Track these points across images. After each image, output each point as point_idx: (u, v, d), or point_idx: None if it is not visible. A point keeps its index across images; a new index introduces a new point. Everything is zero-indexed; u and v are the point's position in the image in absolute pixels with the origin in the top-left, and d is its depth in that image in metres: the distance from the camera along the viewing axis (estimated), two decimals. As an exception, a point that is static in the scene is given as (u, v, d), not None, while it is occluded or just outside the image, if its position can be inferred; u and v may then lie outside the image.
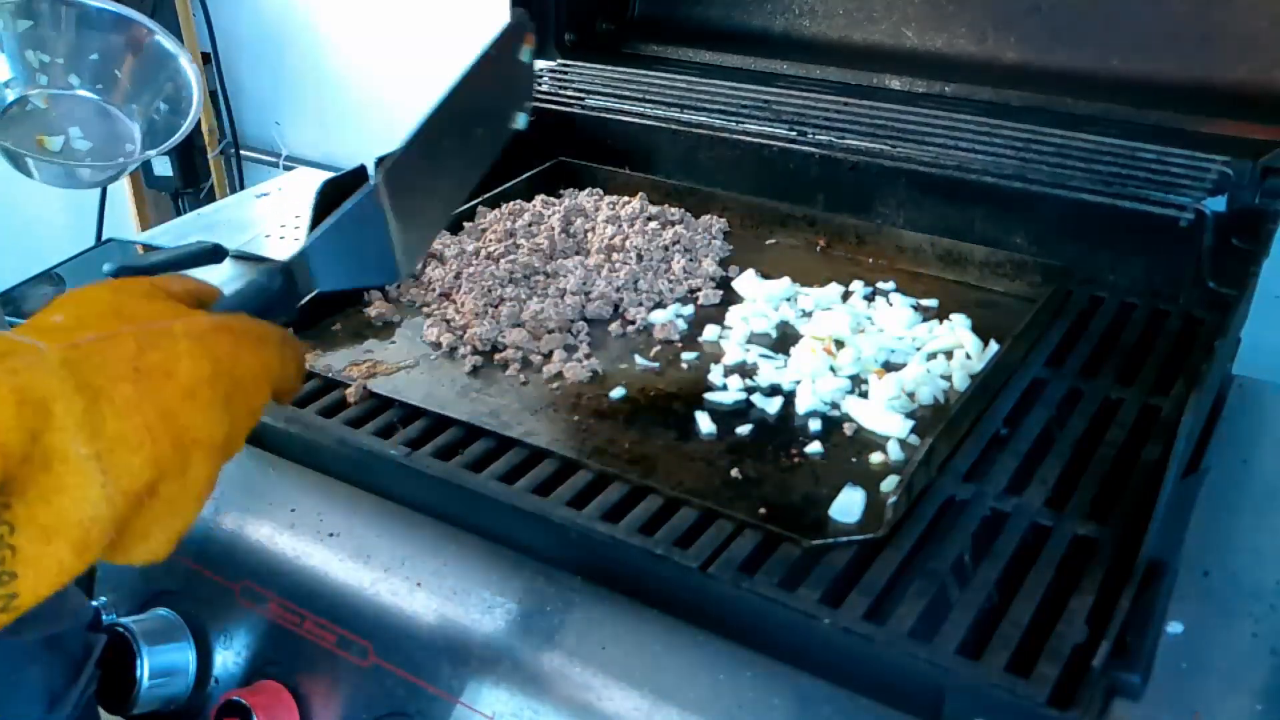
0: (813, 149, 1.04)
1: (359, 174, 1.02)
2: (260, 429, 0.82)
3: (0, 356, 0.40)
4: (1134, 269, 0.94)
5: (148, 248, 1.19)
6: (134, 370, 0.43)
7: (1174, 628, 0.61)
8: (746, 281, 0.95)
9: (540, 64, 1.25)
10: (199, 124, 1.88)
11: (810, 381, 0.80)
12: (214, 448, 0.46)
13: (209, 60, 1.86)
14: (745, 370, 0.83)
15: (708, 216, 1.07)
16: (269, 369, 0.50)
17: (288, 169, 1.90)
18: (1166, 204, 0.86)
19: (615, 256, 0.99)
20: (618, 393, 0.81)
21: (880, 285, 0.95)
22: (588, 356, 0.85)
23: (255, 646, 0.73)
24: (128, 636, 0.72)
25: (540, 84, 1.19)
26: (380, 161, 1.02)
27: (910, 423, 0.75)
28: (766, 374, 0.82)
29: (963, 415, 0.73)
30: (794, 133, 1.04)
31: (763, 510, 0.68)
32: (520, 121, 0.76)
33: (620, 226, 1.03)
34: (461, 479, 0.71)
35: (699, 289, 0.95)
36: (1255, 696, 0.57)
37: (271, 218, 1.22)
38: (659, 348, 0.87)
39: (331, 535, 0.73)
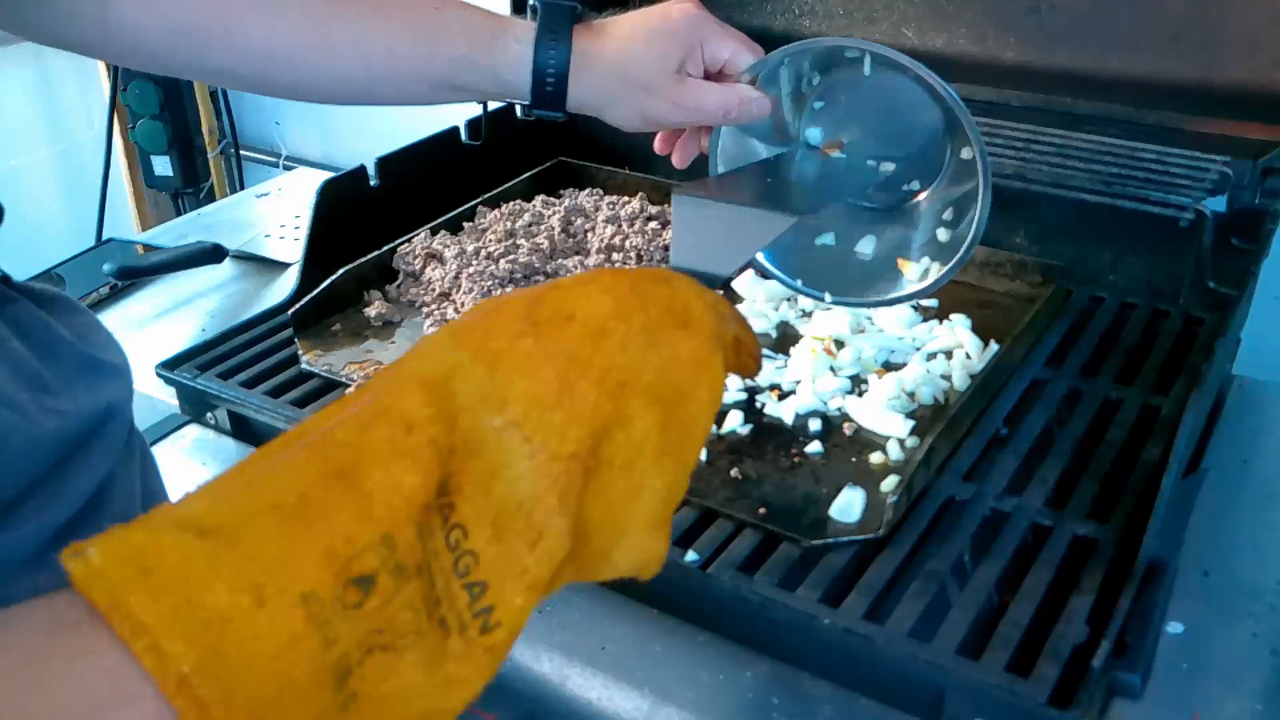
0: (813, 149, 1.04)
1: (359, 174, 1.02)
2: (260, 429, 0.82)
3: (402, 360, 0.36)
4: (1134, 269, 0.94)
5: (148, 248, 1.19)
6: (530, 324, 0.37)
7: (1174, 628, 0.61)
8: (746, 281, 0.95)
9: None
10: (199, 124, 1.89)
11: (810, 381, 0.80)
12: (649, 392, 0.38)
13: (209, 60, 1.86)
14: (745, 370, 0.83)
15: (708, 216, 1.07)
16: (687, 305, 0.40)
17: (288, 169, 1.90)
18: (1166, 204, 0.86)
19: (615, 256, 0.99)
20: (618, 393, 0.80)
21: (880, 285, 0.95)
22: (588, 356, 0.85)
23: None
24: None
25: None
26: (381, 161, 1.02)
27: (910, 423, 0.75)
28: (767, 374, 0.82)
29: (963, 415, 0.73)
30: (794, 133, 1.04)
31: (763, 510, 0.68)
32: None
33: (620, 226, 1.03)
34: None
35: (699, 289, 0.95)
36: (1255, 696, 0.57)
37: (271, 218, 1.22)
38: (659, 348, 0.87)
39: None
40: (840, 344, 0.85)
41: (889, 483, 0.69)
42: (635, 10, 0.67)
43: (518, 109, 0.69)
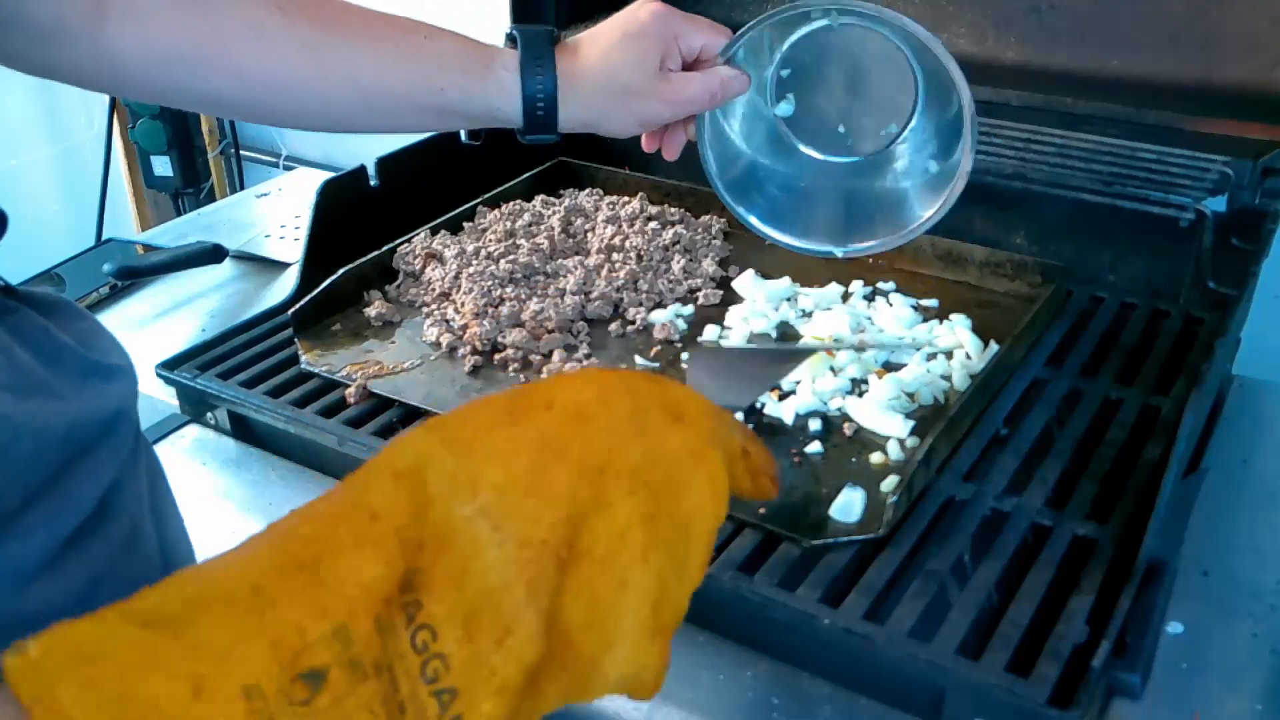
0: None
1: (359, 174, 1.02)
2: (260, 429, 0.82)
3: (378, 455, 0.34)
4: (1134, 269, 0.94)
5: (148, 248, 1.19)
6: (508, 414, 0.35)
7: (1174, 628, 0.61)
8: (746, 281, 0.95)
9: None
10: (199, 124, 1.89)
11: (810, 381, 0.80)
12: (634, 477, 0.35)
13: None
14: (745, 370, 0.83)
15: (707, 216, 1.07)
16: (680, 402, 0.38)
17: (288, 169, 1.90)
18: (1166, 204, 0.87)
19: (615, 256, 0.99)
20: (618, 393, 0.80)
21: (880, 285, 0.95)
22: (588, 356, 0.85)
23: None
24: None
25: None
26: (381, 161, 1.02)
27: (910, 423, 0.75)
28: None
29: (963, 415, 0.73)
30: (794, 133, 1.04)
31: (762, 510, 0.68)
32: None
33: (620, 226, 1.03)
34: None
35: (699, 289, 0.95)
36: (1255, 696, 0.57)
37: (271, 218, 1.22)
38: (659, 348, 0.87)
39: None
40: (840, 344, 0.85)
41: (889, 483, 0.69)
42: (606, 20, 0.69)
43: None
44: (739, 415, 0.57)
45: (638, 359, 0.85)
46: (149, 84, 0.61)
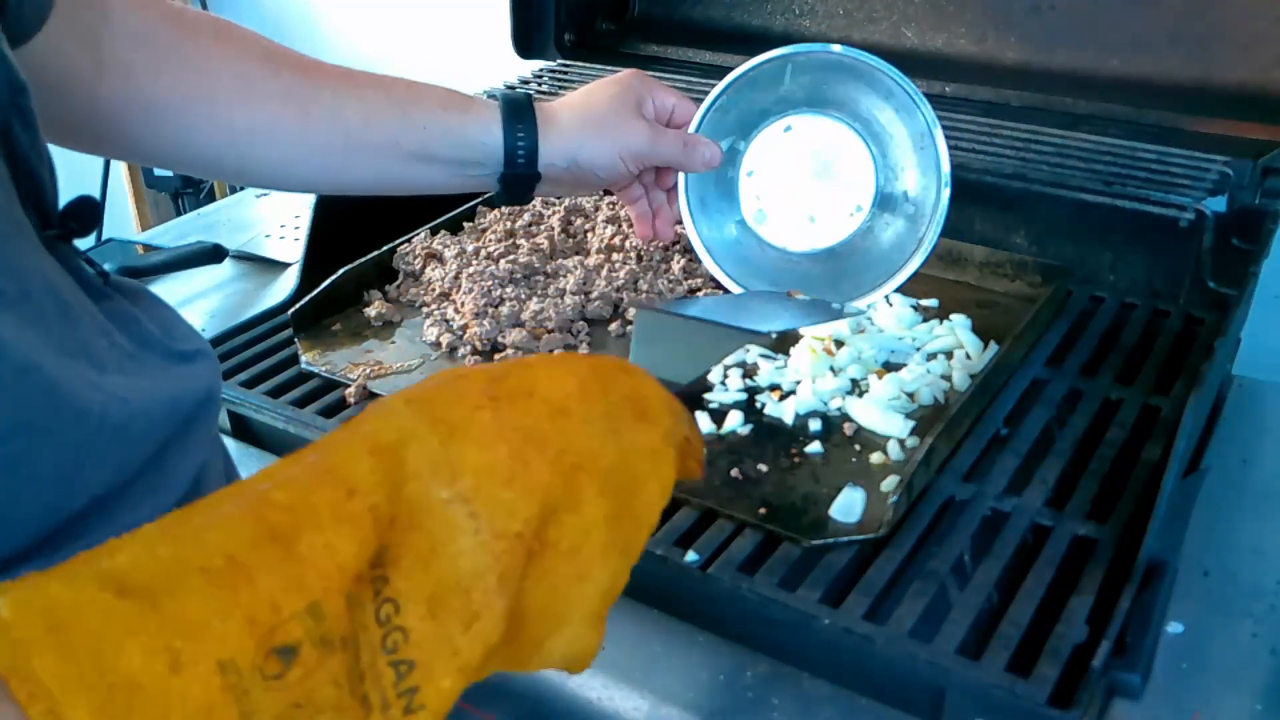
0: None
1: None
2: (260, 429, 0.82)
3: (356, 421, 0.35)
4: (1134, 269, 0.94)
5: (148, 248, 1.19)
6: (490, 398, 0.36)
7: (1174, 628, 0.61)
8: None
9: (540, 64, 1.25)
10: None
11: (810, 381, 0.80)
12: (605, 479, 0.37)
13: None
14: (745, 369, 0.83)
15: (708, 216, 1.07)
16: (646, 397, 0.40)
17: (288, 169, 1.90)
18: (1166, 204, 0.86)
19: (615, 256, 0.99)
20: (618, 393, 0.81)
21: (880, 285, 0.95)
22: (588, 356, 0.85)
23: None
24: None
25: (540, 84, 1.19)
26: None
27: (910, 423, 0.75)
28: (766, 373, 0.82)
29: (963, 415, 0.73)
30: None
31: (762, 510, 0.68)
32: None
33: (620, 226, 1.03)
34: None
35: (699, 289, 0.95)
36: (1255, 696, 0.57)
37: (271, 218, 1.22)
38: (659, 348, 0.87)
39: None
40: (840, 344, 0.85)
41: (889, 483, 0.69)
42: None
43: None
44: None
45: (638, 359, 0.85)
46: (142, 141, 0.62)
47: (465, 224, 1.06)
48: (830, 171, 0.79)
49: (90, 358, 0.43)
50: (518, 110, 0.68)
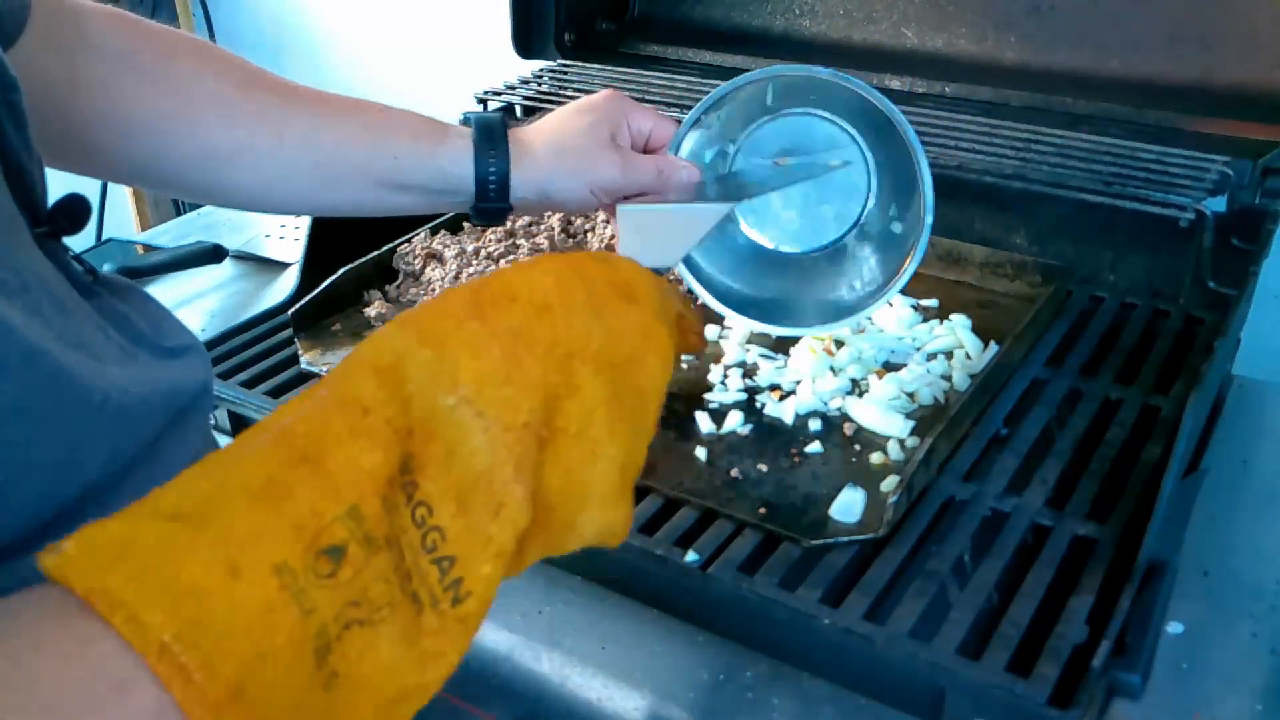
0: (813, 149, 1.04)
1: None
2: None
3: (354, 352, 0.37)
4: (1134, 269, 0.94)
5: (148, 248, 1.19)
6: (474, 307, 0.38)
7: (1174, 628, 0.61)
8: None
9: (540, 64, 1.25)
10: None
11: (810, 381, 0.80)
12: (598, 359, 0.39)
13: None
14: (745, 370, 0.83)
15: (708, 216, 1.07)
16: (629, 280, 0.42)
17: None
18: (1166, 204, 0.86)
19: (615, 256, 0.99)
20: (618, 393, 0.80)
21: (880, 285, 0.95)
22: (588, 356, 0.85)
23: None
24: None
25: (540, 84, 1.19)
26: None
27: (910, 423, 0.75)
28: (766, 374, 0.82)
29: (963, 415, 0.73)
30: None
31: (762, 510, 0.68)
32: None
33: (620, 226, 1.03)
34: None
35: (699, 289, 0.95)
36: (1255, 696, 0.57)
37: (271, 218, 1.22)
38: (659, 348, 0.87)
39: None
40: (840, 344, 0.85)
41: (889, 483, 0.69)
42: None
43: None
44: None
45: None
46: (117, 160, 0.62)
47: (465, 224, 1.06)
48: (820, 177, 0.76)
49: (89, 350, 0.44)
50: (491, 140, 0.67)
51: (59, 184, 0.50)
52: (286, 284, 1.00)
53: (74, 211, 0.49)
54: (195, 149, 0.62)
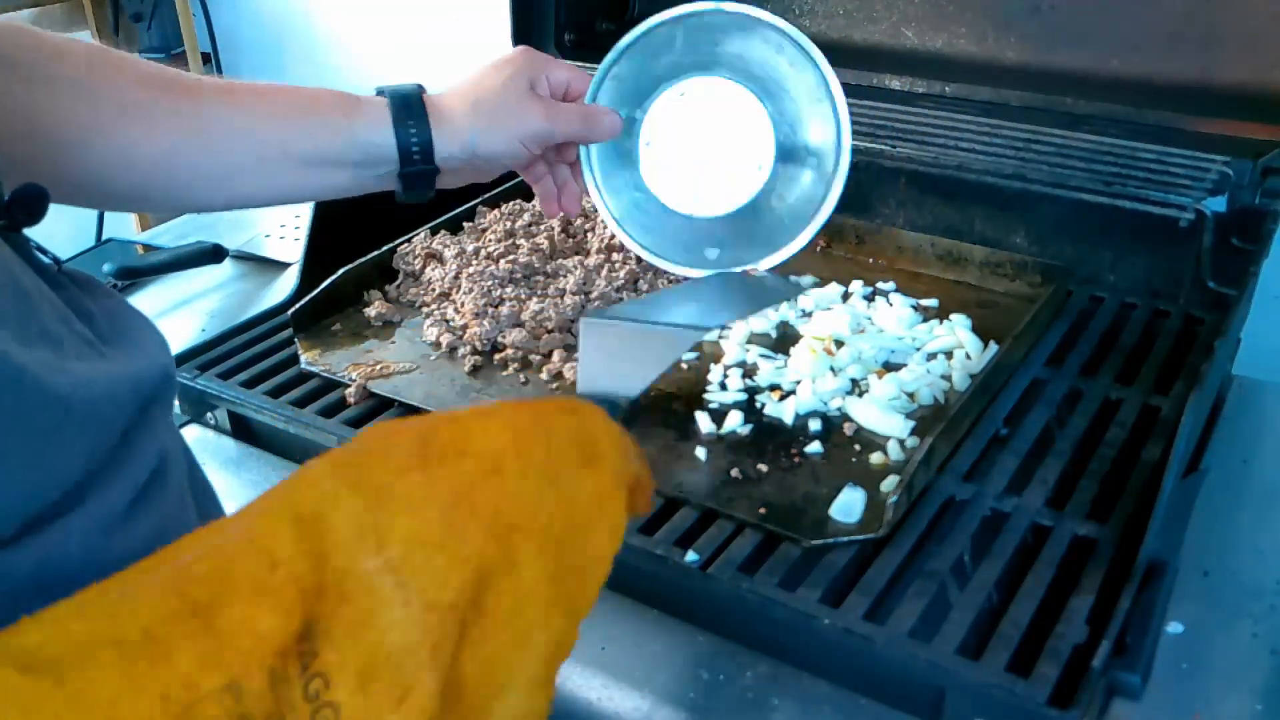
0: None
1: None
2: (260, 429, 0.82)
3: (281, 487, 0.33)
4: (1134, 269, 0.94)
5: (148, 248, 1.19)
6: (420, 458, 0.34)
7: (1174, 628, 0.61)
8: (746, 281, 0.95)
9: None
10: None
11: (810, 381, 0.80)
12: (544, 535, 0.35)
13: (209, 60, 1.87)
14: (745, 370, 0.83)
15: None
16: (595, 439, 0.39)
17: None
18: (1166, 204, 0.87)
19: (615, 256, 0.99)
20: (618, 393, 0.81)
21: (880, 285, 0.95)
22: (588, 356, 0.85)
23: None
24: None
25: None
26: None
27: (910, 423, 0.75)
28: (766, 374, 0.82)
29: (963, 415, 0.73)
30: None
31: (762, 510, 0.68)
32: None
33: (620, 226, 1.03)
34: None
35: (699, 289, 0.95)
36: (1255, 696, 0.57)
37: (271, 217, 1.22)
38: (659, 348, 0.87)
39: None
40: (840, 344, 0.85)
41: (889, 483, 0.69)
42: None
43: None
44: (632, 395, 0.57)
45: (638, 359, 0.85)
46: (40, 174, 0.60)
47: (465, 224, 1.06)
48: (728, 132, 0.77)
49: (52, 344, 0.43)
50: (407, 106, 0.67)
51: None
52: (286, 284, 1.00)
53: (30, 203, 0.48)
54: (120, 161, 0.61)
